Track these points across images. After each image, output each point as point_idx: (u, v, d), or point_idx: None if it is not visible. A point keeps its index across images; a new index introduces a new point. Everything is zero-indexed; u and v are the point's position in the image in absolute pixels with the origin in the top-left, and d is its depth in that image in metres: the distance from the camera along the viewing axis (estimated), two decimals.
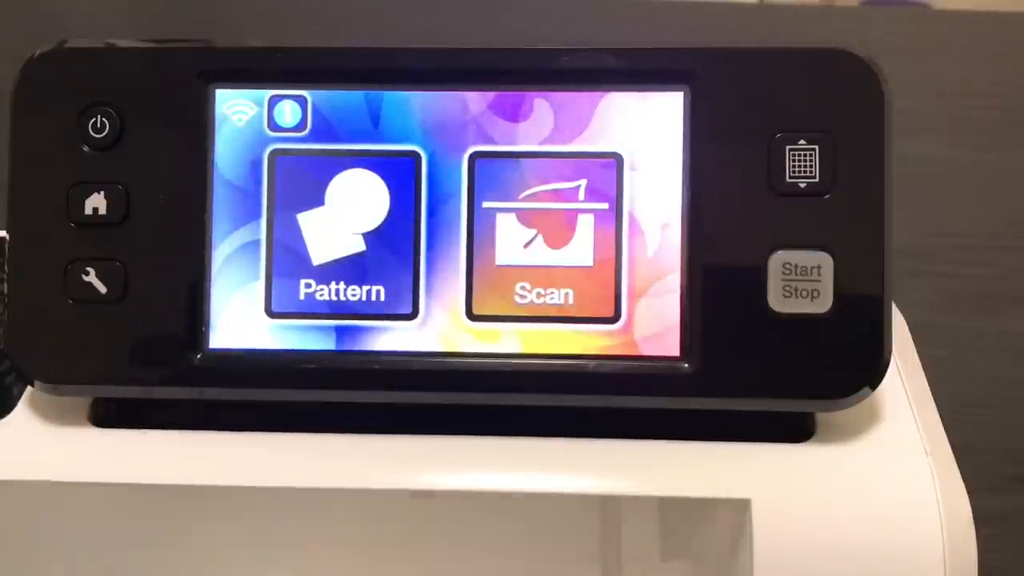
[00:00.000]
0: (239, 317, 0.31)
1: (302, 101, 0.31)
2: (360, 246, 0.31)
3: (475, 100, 0.31)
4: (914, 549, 0.27)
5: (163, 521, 0.30)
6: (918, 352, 0.33)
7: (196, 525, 0.30)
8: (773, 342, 0.29)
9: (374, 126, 0.31)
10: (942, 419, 0.30)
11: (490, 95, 0.31)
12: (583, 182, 0.30)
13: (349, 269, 0.31)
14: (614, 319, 0.30)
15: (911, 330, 0.34)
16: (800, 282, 0.29)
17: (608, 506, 0.30)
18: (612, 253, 0.30)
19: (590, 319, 0.30)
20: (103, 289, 0.30)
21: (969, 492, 0.28)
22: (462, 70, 0.30)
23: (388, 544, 0.31)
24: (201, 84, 0.30)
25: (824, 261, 0.29)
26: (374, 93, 0.31)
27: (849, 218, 0.29)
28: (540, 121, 0.31)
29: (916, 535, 0.28)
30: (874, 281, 0.29)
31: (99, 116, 0.30)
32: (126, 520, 0.30)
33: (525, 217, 0.31)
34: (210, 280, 0.30)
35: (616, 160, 0.30)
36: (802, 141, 0.29)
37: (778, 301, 0.29)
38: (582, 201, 0.30)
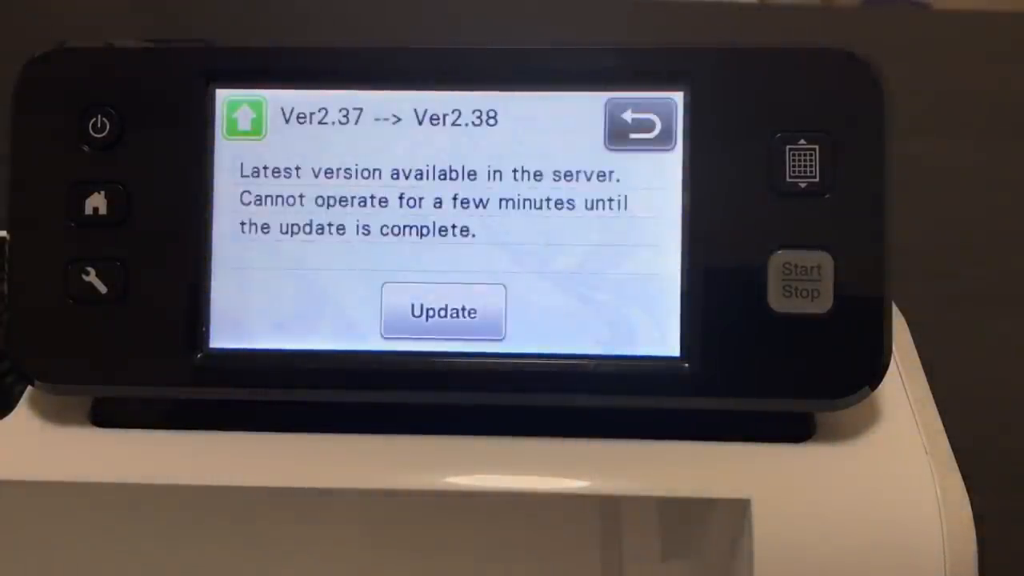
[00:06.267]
0: (239, 317, 0.30)
1: None
2: None
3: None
4: (914, 549, 0.27)
5: (163, 521, 0.30)
6: (918, 352, 0.33)
7: (196, 525, 0.30)
8: (773, 342, 0.29)
9: None
10: (942, 419, 0.30)
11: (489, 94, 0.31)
12: None
13: None
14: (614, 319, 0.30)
15: (911, 330, 0.34)
16: (800, 282, 0.29)
17: (608, 506, 0.30)
18: None
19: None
20: (103, 289, 0.30)
21: (969, 492, 0.28)
22: (462, 70, 0.30)
23: (388, 545, 0.31)
24: (201, 84, 0.30)
25: (824, 261, 0.29)
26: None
27: (849, 218, 0.29)
28: None
29: (916, 535, 0.28)
30: (874, 281, 0.29)
31: (99, 116, 0.30)
32: (126, 520, 0.30)
33: None
34: (210, 280, 0.30)
35: None
36: (802, 141, 0.29)
37: (778, 301, 0.29)
38: None
